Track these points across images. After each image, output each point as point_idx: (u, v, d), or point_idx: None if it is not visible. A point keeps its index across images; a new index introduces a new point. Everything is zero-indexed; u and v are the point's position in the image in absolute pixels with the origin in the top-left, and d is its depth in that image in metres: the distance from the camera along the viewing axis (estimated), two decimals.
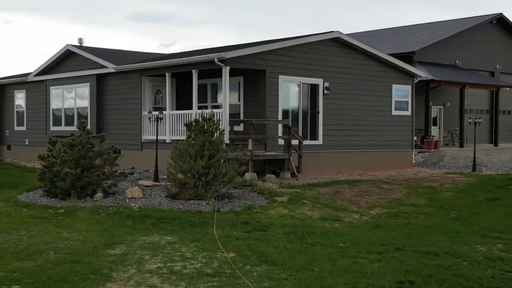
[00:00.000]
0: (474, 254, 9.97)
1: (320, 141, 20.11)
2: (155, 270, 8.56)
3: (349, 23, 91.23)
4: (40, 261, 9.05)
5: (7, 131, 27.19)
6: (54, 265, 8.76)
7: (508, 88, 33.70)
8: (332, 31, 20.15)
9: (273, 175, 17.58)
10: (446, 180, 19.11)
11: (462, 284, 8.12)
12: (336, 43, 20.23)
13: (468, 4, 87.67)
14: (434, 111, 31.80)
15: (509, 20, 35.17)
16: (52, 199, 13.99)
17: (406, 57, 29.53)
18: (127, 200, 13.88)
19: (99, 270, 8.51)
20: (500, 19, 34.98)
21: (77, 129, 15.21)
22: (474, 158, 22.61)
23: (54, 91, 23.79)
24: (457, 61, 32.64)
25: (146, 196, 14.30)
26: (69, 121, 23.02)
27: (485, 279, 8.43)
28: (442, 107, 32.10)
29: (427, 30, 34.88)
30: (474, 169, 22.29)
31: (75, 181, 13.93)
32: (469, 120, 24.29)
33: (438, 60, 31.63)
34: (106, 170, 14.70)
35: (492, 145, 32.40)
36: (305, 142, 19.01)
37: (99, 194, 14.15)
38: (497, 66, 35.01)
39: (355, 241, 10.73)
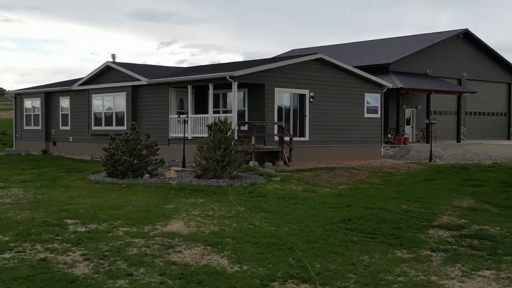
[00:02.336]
0: (396, 209, 15.74)
1: (306, 138, 25.91)
2: (197, 214, 14.33)
3: (348, 20, 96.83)
4: (125, 210, 14.82)
5: (53, 130, 32.99)
6: (135, 212, 14.52)
7: (469, 94, 39.51)
8: (316, 53, 25.96)
9: (270, 163, 23.41)
10: (403, 167, 24.92)
11: (379, 221, 13.86)
12: (319, 62, 26.01)
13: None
14: (408, 112, 37.60)
15: (474, 35, 40.95)
16: (114, 179, 19.79)
17: (383, 67, 35.34)
18: (167, 179, 19.67)
19: (163, 214, 14.28)
20: (466, 33, 40.78)
21: (115, 128, 20.79)
22: (431, 151, 28.42)
23: (95, 97, 29.60)
24: (427, 70, 38.41)
25: (179, 177, 20.08)
26: (108, 122, 28.79)
27: (394, 219, 14.21)
28: (414, 109, 37.88)
29: (402, 43, 40.67)
30: (430, 160, 28.09)
31: (129, 166, 19.72)
32: (426, 121, 30.10)
33: (411, 69, 37.41)
34: (150, 158, 20.49)
35: (455, 141, 38.22)
36: (295, 139, 24.81)
37: (146, 175, 19.95)
38: (464, 74, 40.80)
39: (322, 202, 16.50)
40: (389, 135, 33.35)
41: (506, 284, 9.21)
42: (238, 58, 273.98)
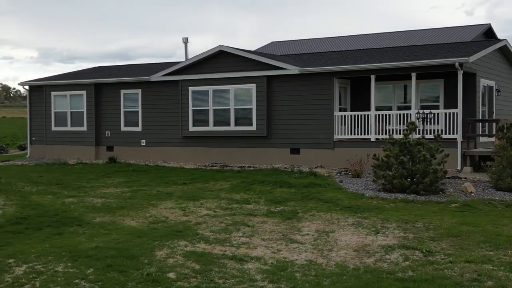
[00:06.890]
0: None
1: None
2: None
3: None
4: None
5: (108, 132, 25.67)
6: None
7: None
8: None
9: None
10: None
11: None
12: None
13: None
14: None
15: None
16: (388, 193, 14.92)
17: None
18: (467, 194, 15.23)
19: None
20: None
21: (236, 129, 17.00)
22: None
23: (194, 90, 23.46)
24: None
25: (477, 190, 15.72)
26: (221, 121, 22.72)
27: None
28: None
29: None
30: None
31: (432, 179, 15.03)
32: None
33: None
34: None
35: None
36: None
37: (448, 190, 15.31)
38: None
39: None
40: None
41: None
42: (34, 54, 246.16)
